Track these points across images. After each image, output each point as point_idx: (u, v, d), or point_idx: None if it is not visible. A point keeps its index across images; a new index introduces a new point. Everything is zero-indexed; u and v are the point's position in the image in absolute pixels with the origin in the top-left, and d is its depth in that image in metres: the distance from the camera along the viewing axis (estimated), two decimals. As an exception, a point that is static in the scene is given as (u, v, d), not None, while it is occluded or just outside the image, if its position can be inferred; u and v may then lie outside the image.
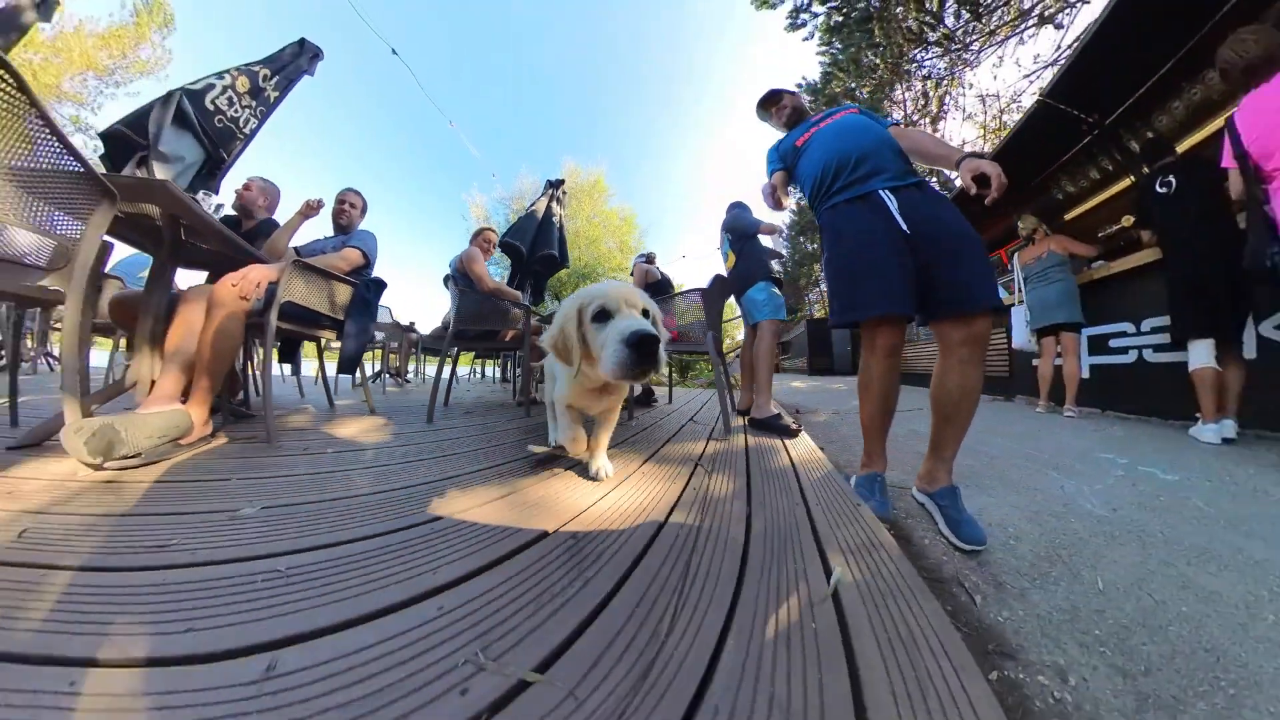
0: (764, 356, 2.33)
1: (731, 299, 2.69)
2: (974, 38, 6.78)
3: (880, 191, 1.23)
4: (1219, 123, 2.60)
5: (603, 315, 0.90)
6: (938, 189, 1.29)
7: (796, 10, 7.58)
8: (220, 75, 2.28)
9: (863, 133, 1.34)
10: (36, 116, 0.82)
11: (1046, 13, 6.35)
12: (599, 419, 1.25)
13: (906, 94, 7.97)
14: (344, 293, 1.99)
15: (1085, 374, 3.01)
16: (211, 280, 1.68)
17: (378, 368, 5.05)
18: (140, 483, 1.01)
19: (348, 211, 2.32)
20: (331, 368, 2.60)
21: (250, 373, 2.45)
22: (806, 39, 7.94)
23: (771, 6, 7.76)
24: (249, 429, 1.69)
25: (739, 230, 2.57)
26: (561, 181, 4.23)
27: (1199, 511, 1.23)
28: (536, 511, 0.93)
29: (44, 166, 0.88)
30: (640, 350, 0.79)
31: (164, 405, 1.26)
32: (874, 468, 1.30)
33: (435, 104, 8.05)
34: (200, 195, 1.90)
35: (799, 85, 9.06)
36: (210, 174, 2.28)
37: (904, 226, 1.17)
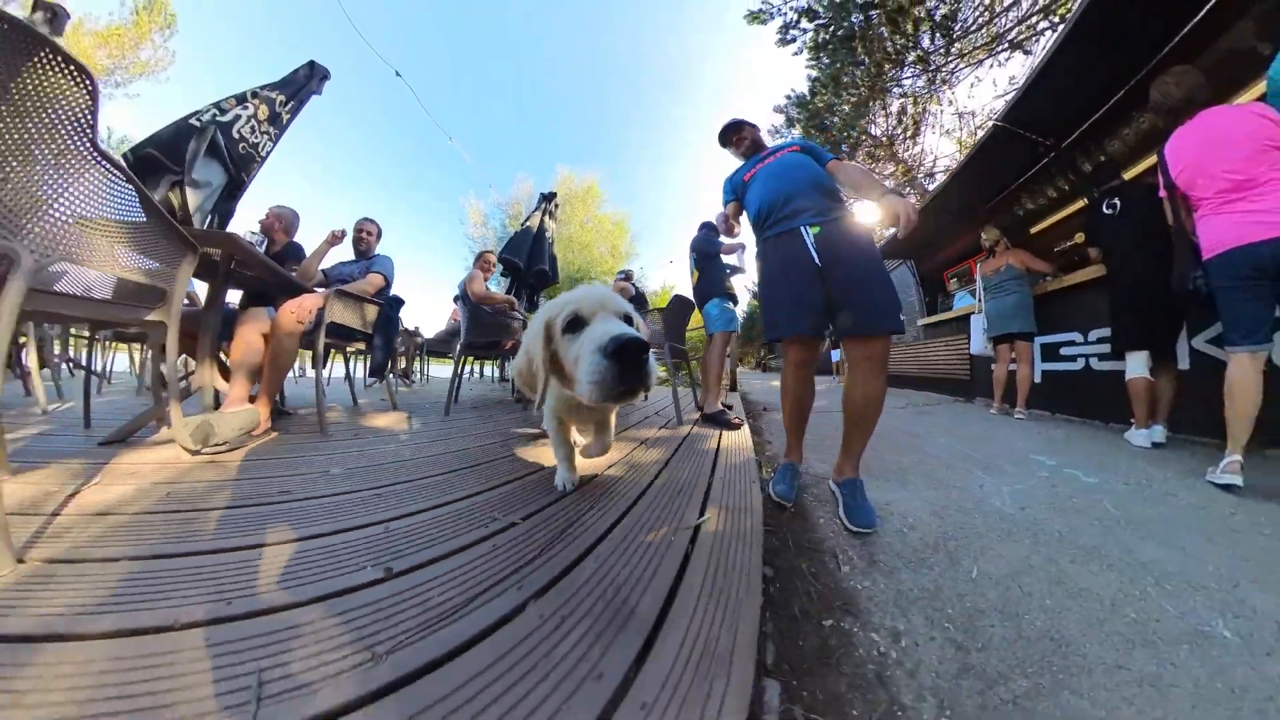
0: (713, 362, 2.61)
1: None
2: (950, 60, 6.89)
3: (802, 228, 1.33)
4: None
5: (576, 324, 0.75)
6: (856, 223, 1.35)
7: (786, 26, 7.67)
8: (244, 104, 2.37)
9: (796, 173, 1.42)
10: (141, 201, 1.06)
11: (1019, 39, 6.49)
12: (596, 428, 1.20)
13: (881, 113, 8.07)
14: (372, 311, 2.30)
15: (1038, 379, 3.08)
16: (248, 300, 2.04)
17: (391, 369, 5.25)
18: (233, 461, 1.28)
19: (366, 239, 2.60)
20: (354, 371, 3.04)
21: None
22: (796, 54, 8.02)
23: (762, 22, 7.83)
24: (295, 423, 1.97)
25: (702, 251, 2.77)
26: (553, 195, 4.35)
27: (1105, 514, 1.25)
28: (543, 485, 1.18)
29: (145, 230, 1.12)
30: (624, 361, 0.61)
31: (239, 406, 1.56)
32: (790, 458, 1.50)
33: (437, 123, 8.02)
34: (249, 235, 2.16)
35: (787, 97, 9.13)
36: (230, 195, 2.39)
37: (817, 260, 1.29)
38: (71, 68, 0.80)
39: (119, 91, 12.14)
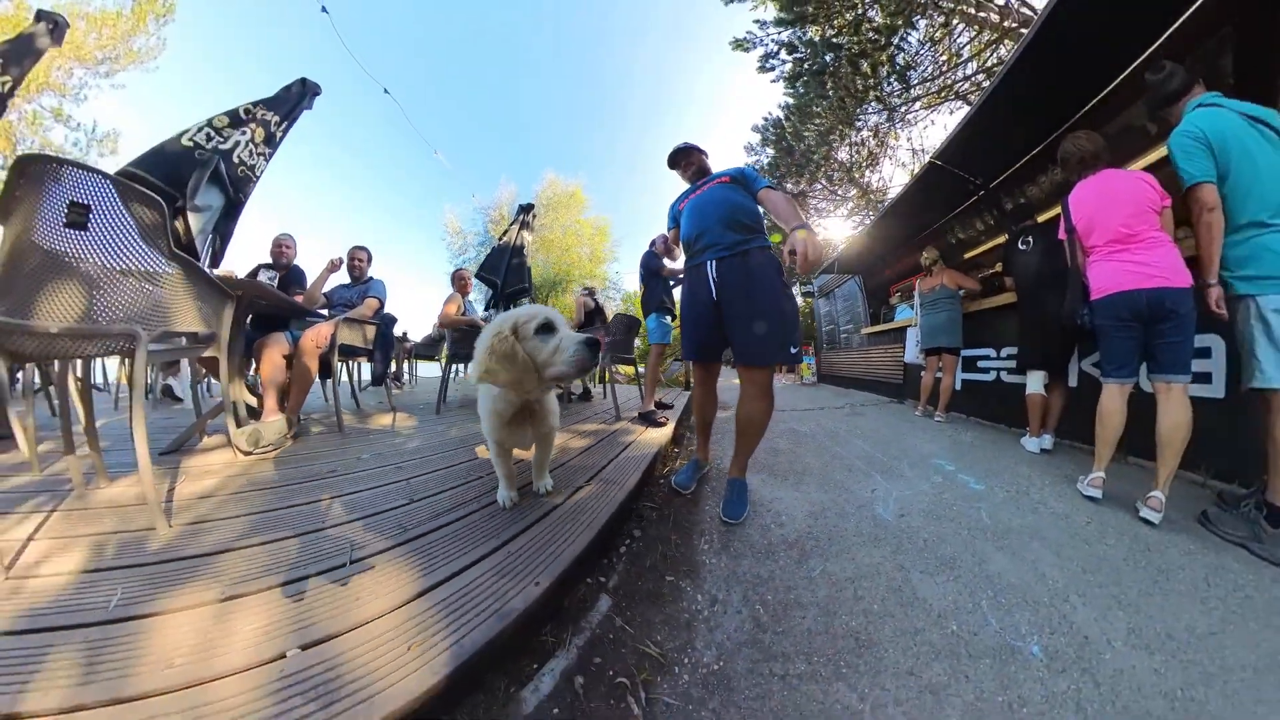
0: (649, 370, 2.77)
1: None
2: (906, 103, 6.92)
3: (708, 263, 1.31)
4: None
5: (547, 329, 0.93)
6: (764, 254, 1.29)
7: (766, 56, 7.61)
8: (241, 128, 2.27)
9: (710, 208, 1.36)
10: (201, 276, 1.26)
11: (965, 93, 6.60)
12: (539, 443, 1.19)
13: (844, 144, 8.10)
14: (371, 330, 2.49)
15: (959, 387, 3.15)
16: (259, 322, 2.18)
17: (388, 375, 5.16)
18: (281, 458, 1.49)
19: (359, 265, 2.68)
20: (354, 375, 3.31)
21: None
22: (773, 82, 7.89)
23: (745, 49, 7.69)
24: (309, 429, 2.11)
25: (646, 267, 2.81)
26: (531, 206, 4.14)
27: (977, 522, 1.23)
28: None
29: (205, 296, 1.30)
30: (592, 349, 0.90)
31: (274, 416, 1.72)
32: (698, 455, 1.59)
33: (423, 136, 7.56)
34: (266, 277, 2.30)
35: (764, 119, 9.01)
36: (228, 215, 2.31)
37: (714, 294, 1.29)
38: (149, 199, 1.04)
39: (107, 83, 10.03)
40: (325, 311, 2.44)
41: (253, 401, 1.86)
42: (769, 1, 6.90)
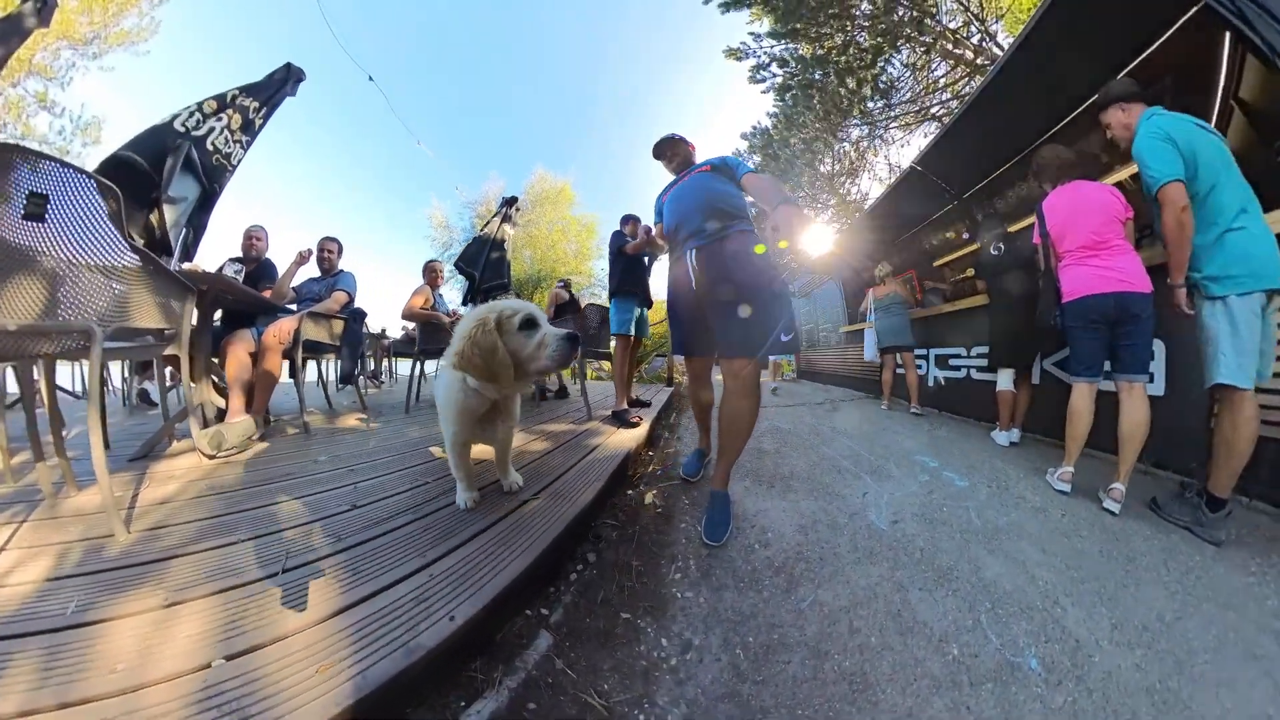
0: (615, 366, 2.43)
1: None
2: (887, 120, 7.12)
3: (687, 254, 1.21)
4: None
5: (529, 324, 0.89)
6: (744, 237, 1.15)
7: (758, 67, 7.64)
8: (219, 115, 2.10)
9: (689, 197, 1.27)
10: (159, 270, 1.16)
11: (940, 115, 6.81)
12: (503, 439, 1.11)
13: (827, 154, 8.21)
14: (339, 325, 2.28)
15: (931, 384, 3.25)
16: (228, 318, 1.98)
17: (357, 372, 4.83)
18: (244, 460, 1.41)
19: (329, 257, 2.45)
20: (327, 375, 3.07)
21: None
22: (764, 93, 7.92)
23: (739, 59, 7.73)
24: (281, 429, 1.99)
25: (613, 248, 2.38)
26: (514, 199, 3.81)
27: (968, 523, 1.21)
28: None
29: (165, 289, 1.21)
30: (574, 344, 0.88)
31: (239, 417, 1.60)
32: (701, 445, 1.57)
33: (406, 125, 7.20)
34: (231, 272, 2.04)
35: (753, 128, 9.02)
36: (203, 207, 2.12)
37: (693, 285, 1.18)
38: (106, 187, 0.94)
39: (94, 65, 9.08)
40: (294, 306, 2.26)
41: (221, 403, 1.74)
42: (765, 16, 6.97)
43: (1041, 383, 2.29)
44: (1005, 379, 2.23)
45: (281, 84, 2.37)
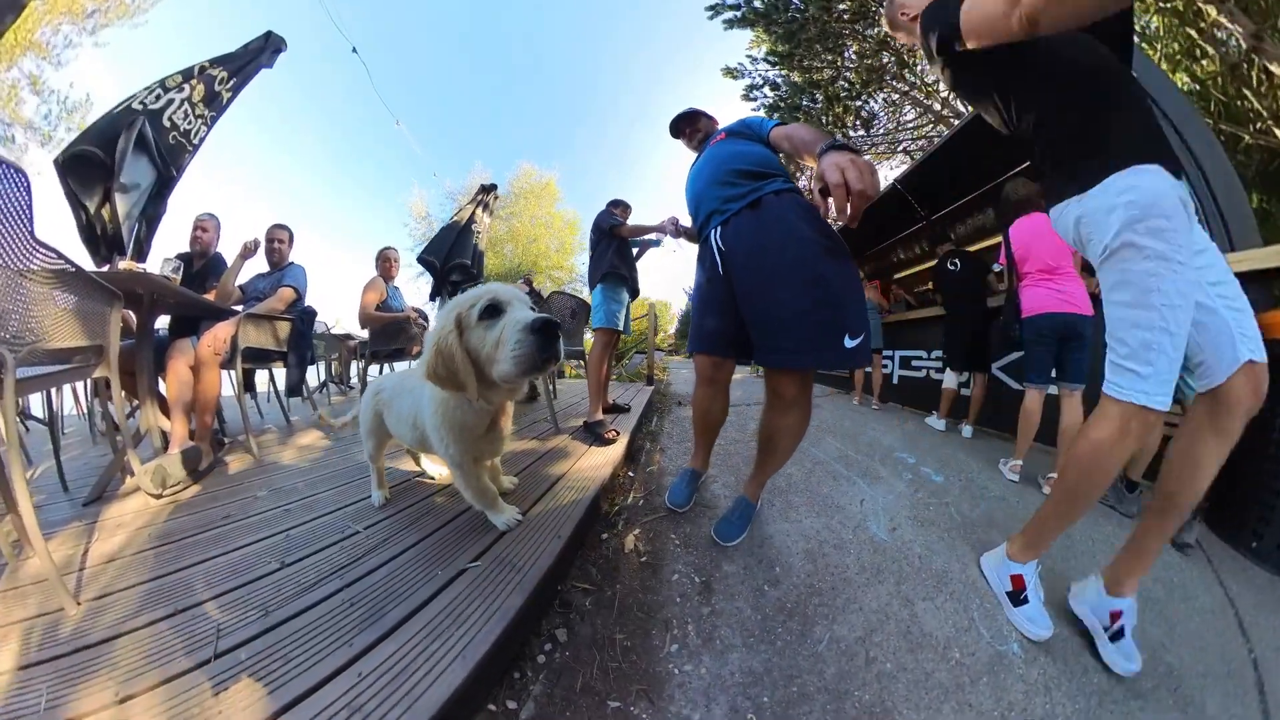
0: (592, 366, 1.90)
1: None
2: (866, 148, 7.64)
3: (711, 233, 0.97)
4: (993, 240, 3.47)
5: (493, 311, 0.65)
6: (783, 197, 0.89)
7: (751, 87, 7.93)
8: (180, 86, 1.82)
9: (705, 170, 1.02)
10: (78, 274, 0.97)
11: (911, 150, 7.42)
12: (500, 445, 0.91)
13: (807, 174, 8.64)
14: (284, 328, 1.93)
15: (895, 381, 3.52)
16: (176, 325, 1.73)
17: (323, 378, 4.22)
18: (188, 497, 1.26)
19: (278, 248, 2.08)
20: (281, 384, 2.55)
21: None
22: (754, 110, 8.20)
23: (735, 77, 8.00)
24: (233, 450, 1.74)
25: (596, 228, 1.97)
26: (493, 186, 3.27)
27: (951, 522, 1.24)
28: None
29: (87, 300, 1.03)
30: (546, 335, 0.60)
31: (184, 445, 1.39)
32: (693, 464, 1.25)
33: (386, 104, 6.56)
34: (168, 271, 1.67)
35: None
36: (159, 194, 1.86)
37: (720, 268, 0.93)
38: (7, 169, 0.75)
39: (89, 40, 8.39)
40: (240, 308, 1.91)
41: (168, 426, 1.46)
42: (766, 41, 7.29)
43: (989, 385, 2.56)
44: (950, 379, 2.55)
45: (257, 53, 2.08)
